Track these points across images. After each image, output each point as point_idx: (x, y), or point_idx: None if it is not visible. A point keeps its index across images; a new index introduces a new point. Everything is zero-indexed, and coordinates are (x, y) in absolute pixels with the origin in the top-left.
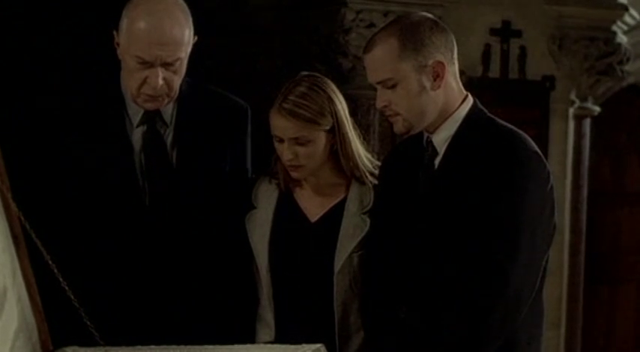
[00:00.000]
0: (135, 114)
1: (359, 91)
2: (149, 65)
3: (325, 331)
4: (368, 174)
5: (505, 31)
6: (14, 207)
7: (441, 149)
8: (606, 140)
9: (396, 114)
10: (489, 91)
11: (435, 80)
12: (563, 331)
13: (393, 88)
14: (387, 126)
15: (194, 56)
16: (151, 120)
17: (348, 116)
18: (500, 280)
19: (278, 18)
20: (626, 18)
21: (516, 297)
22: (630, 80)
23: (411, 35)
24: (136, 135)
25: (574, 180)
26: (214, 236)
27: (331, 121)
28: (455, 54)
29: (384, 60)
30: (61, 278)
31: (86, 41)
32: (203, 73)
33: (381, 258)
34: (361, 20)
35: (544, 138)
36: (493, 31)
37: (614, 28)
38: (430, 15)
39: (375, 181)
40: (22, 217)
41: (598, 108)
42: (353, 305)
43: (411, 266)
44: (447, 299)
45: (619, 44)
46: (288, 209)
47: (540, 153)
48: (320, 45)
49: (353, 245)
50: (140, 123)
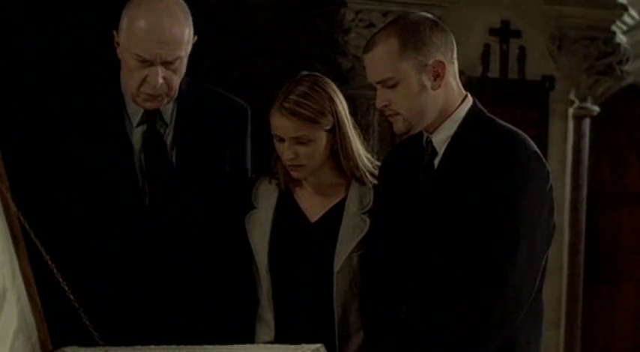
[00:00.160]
0: (135, 113)
1: (358, 91)
2: (149, 64)
3: (325, 331)
4: (368, 174)
5: (504, 31)
6: (13, 207)
7: (441, 149)
8: (606, 140)
9: (396, 113)
10: (489, 91)
11: (436, 80)
12: (562, 331)
13: (393, 87)
14: (387, 126)
15: (194, 56)
16: (151, 119)
17: (348, 116)
18: (500, 280)
19: (277, 18)
20: (626, 18)
21: (516, 297)
22: (630, 80)
23: (412, 35)
24: (136, 134)
25: (573, 180)
26: (214, 236)
27: (332, 121)
28: (454, 54)
29: (384, 59)
30: (61, 278)
31: (86, 41)
32: (203, 73)
33: (381, 258)
34: (360, 20)
35: (543, 138)
36: (492, 31)
37: (613, 28)
38: (430, 15)
39: (375, 181)
40: (22, 217)
41: (597, 108)
42: (353, 305)
43: (411, 266)
44: (446, 299)
45: (618, 44)
46: (288, 209)
47: (540, 153)
48: (319, 45)
49: (353, 245)
50: (140, 123)
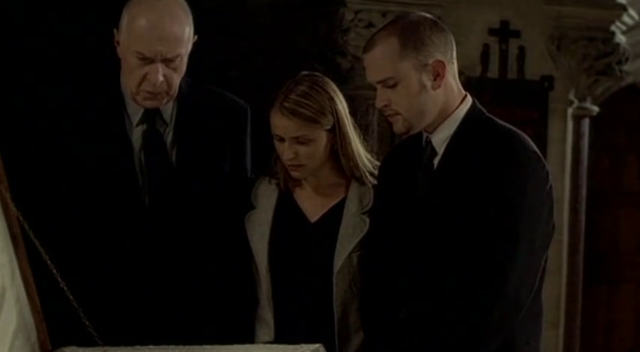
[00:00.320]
0: (134, 113)
1: (358, 91)
2: (149, 61)
3: (325, 331)
4: (368, 174)
5: (504, 31)
6: (13, 207)
7: (440, 149)
8: (605, 140)
9: (396, 113)
10: (488, 91)
11: (436, 79)
12: (561, 331)
13: (393, 87)
14: (386, 127)
15: (193, 56)
16: (151, 119)
17: (348, 115)
18: (500, 280)
19: (277, 18)
20: (625, 18)
21: (515, 297)
22: (629, 80)
23: (412, 34)
24: (136, 134)
25: (573, 180)
26: (214, 236)
27: (332, 120)
28: (454, 54)
29: (384, 59)
30: (60, 279)
31: (86, 41)
32: (202, 72)
33: (381, 258)
34: (360, 20)
35: (543, 138)
36: (492, 31)
37: (612, 28)
38: (429, 15)
39: (375, 181)
40: (21, 217)
41: (597, 108)
42: (352, 305)
43: (411, 266)
44: (446, 299)
45: (618, 44)
46: (287, 209)
47: (539, 153)
48: (319, 45)
49: (352, 245)
50: (140, 122)
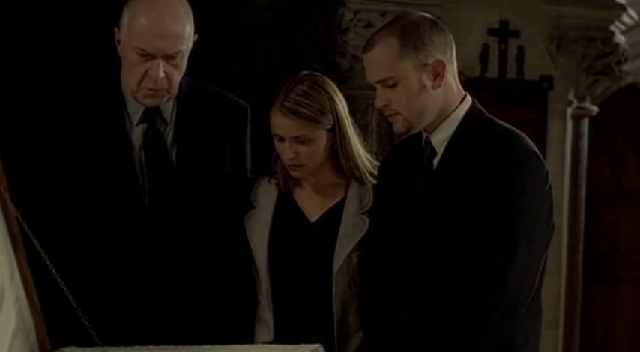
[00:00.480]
0: (135, 112)
1: (357, 91)
2: (150, 58)
3: (324, 331)
4: (367, 174)
5: (503, 31)
6: (12, 207)
7: (440, 149)
8: (604, 140)
9: (396, 113)
10: (487, 91)
11: (435, 79)
12: (561, 331)
13: (393, 87)
14: (385, 127)
15: (193, 56)
16: (151, 118)
17: (348, 115)
18: (499, 280)
19: (276, 18)
20: (624, 18)
21: (515, 297)
22: (628, 80)
23: (411, 34)
24: (136, 133)
25: (572, 180)
26: (213, 235)
27: (332, 120)
28: (454, 54)
29: (384, 59)
30: (59, 279)
31: (86, 40)
32: (202, 72)
33: (380, 258)
34: (359, 20)
35: (542, 139)
36: (491, 31)
37: (612, 28)
38: (429, 15)
39: (375, 181)
40: (20, 217)
41: (596, 108)
42: (352, 305)
43: (410, 266)
44: (445, 299)
45: (617, 44)
46: (287, 209)
47: (539, 153)
48: (318, 45)
49: (352, 245)
50: (140, 122)
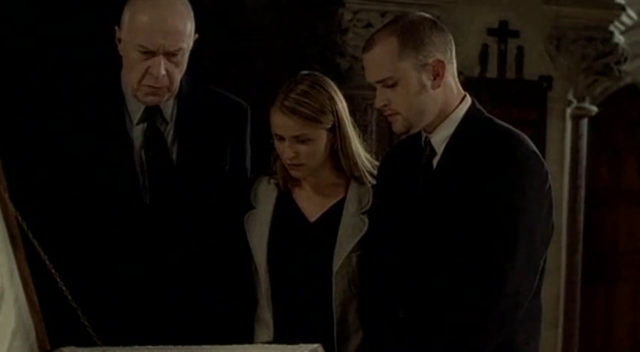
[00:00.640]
0: (135, 111)
1: (356, 91)
2: (151, 55)
3: (324, 331)
4: (367, 174)
5: (502, 31)
6: (11, 207)
7: (440, 149)
8: (604, 140)
9: (396, 113)
10: (487, 91)
11: (435, 79)
12: (560, 331)
13: (392, 86)
14: (385, 127)
15: (193, 55)
16: (152, 117)
17: (348, 115)
18: (499, 279)
19: (276, 18)
20: (624, 18)
21: (514, 297)
22: (628, 80)
23: (411, 34)
24: (137, 132)
25: (572, 180)
26: (213, 235)
27: (332, 120)
28: (453, 54)
29: (384, 58)
30: (59, 279)
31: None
32: (201, 72)
33: (380, 258)
34: (359, 20)
35: (541, 139)
36: (490, 31)
37: (611, 28)
38: (428, 15)
39: (374, 181)
40: (20, 217)
41: (595, 108)
42: (352, 305)
43: (410, 266)
44: (445, 298)
45: (616, 44)
46: (287, 209)
47: (538, 153)
48: (317, 45)
49: (352, 245)
50: (140, 121)
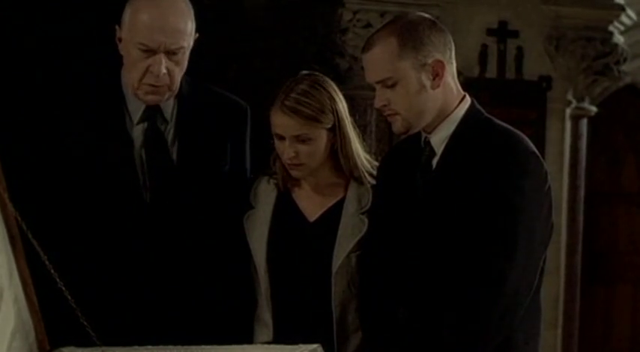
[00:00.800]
0: (135, 111)
1: (356, 91)
2: (152, 53)
3: (323, 331)
4: (367, 174)
5: (502, 32)
6: (11, 207)
7: (439, 149)
8: (603, 140)
9: (395, 113)
10: (486, 92)
11: (435, 79)
12: (560, 331)
13: (392, 87)
14: (384, 127)
15: (193, 55)
16: (152, 117)
17: (348, 115)
18: (498, 280)
19: (275, 18)
20: (623, 18)
21: (514, 297)
22: (627, 80)
23: (410, 34)
24: (137, 132)
25: (571, 180)
26: (213, 235)
27: (332, 119)
28: (453, 54)
29: (383, 59)
30: (58, 279)
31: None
32: (201, 72)
33: (379, 259)
34: (358, 20)
35: (541, 139)
36: (490, 32)
37: (611, 28)
38: (428, 15)
39: (374, 181)
40: (19, 217)
41: (595, 109)
42: (351, 305)
43: (409, 266)
44: (445, 299)
45: (616, 44)
46: (286, 209)
47: (538, 153)
48: (317, 45)
49: (351, 245)
50: (140, 121)
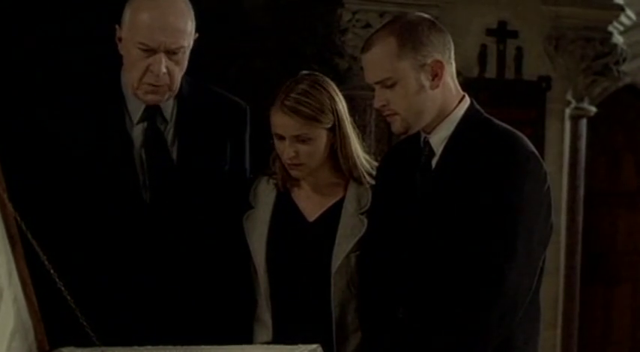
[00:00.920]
0: (135, 111)
1: (355, 92)
2: (152, 52)
3: (323, 331)
4: (366, 174)
5: (501, 32)
6: (10, 208)
7: (438, 149)
8: (603, 140)
9: (395, 113)
10: (486, 92)
11: (434, 79)
12: (559, 331)
13: (391, 87)
14: (384, 127)
15: (193, 55)
16: (152, 117)
17: (348, 115)
18: (498, 280)
19: (275, 18)
20: (623, 18)
21: (514, 297)
22: (627, 80)
23: (410, 34)
24: (137, 131)
25: (570, 180)
26: (212, 235)
27: (332, 119)
28: (452, 54)
29: (382, 59)
30: (57, 279)
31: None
32: (201, 72)
33: (379, 259)
34: (357, 21)
35: (540, 139)
36: (489, 32)
37: (610, 28)
38: (427, 15)
39: (373, 182)
40: (19, 217)
41: (594, 109)
42: (350, 305)
43: (409, 266)
44: (445, 299)
45: (615, 44)
46: (286, 208)
47: (537, 153)
48: (316, 45)
49: (350, 245)
50: (140, 120)
